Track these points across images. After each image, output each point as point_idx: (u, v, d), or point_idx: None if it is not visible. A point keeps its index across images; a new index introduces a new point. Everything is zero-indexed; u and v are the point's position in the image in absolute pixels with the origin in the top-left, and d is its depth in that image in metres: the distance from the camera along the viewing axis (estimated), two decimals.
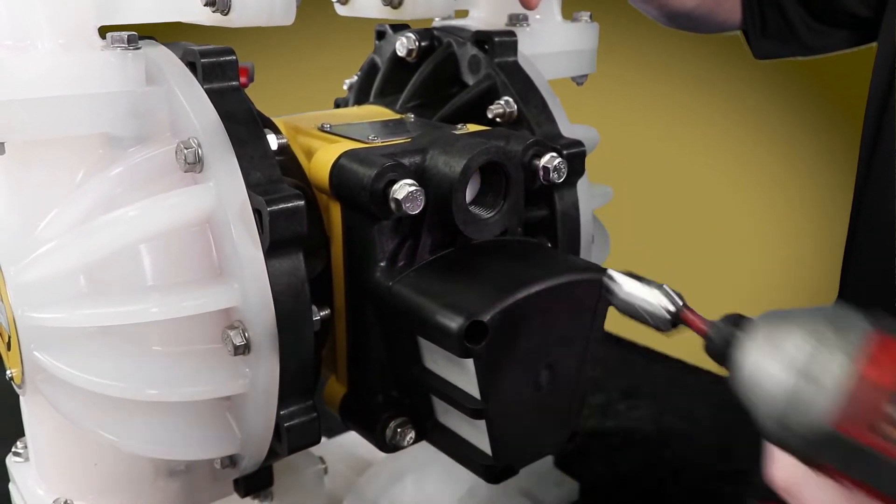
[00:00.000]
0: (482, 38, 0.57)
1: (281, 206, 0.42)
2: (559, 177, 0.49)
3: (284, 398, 0.45)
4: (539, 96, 0.56)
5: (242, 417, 0.46)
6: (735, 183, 1.69)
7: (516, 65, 0.57)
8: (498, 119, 0.55)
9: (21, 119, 0.40)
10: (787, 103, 1.62)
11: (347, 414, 0.52)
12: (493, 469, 0.47)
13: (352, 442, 0.68)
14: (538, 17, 0.62)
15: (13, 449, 0.54)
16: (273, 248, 0.42)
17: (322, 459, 0.62)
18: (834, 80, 1.48)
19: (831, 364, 0.30)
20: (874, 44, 0.80)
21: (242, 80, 1.47)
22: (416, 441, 0.50)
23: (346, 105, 0.66)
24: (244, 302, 0.43)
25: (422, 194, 0.44)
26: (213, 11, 0.48)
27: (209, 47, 0.46)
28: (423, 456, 0.60)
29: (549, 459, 0.81)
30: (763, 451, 0.36)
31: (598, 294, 0.46)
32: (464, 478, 0.62)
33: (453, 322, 0.41)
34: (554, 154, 0.49)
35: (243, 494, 0.53)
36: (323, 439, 0.68)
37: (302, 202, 0.42)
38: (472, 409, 0.44)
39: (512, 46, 0.56)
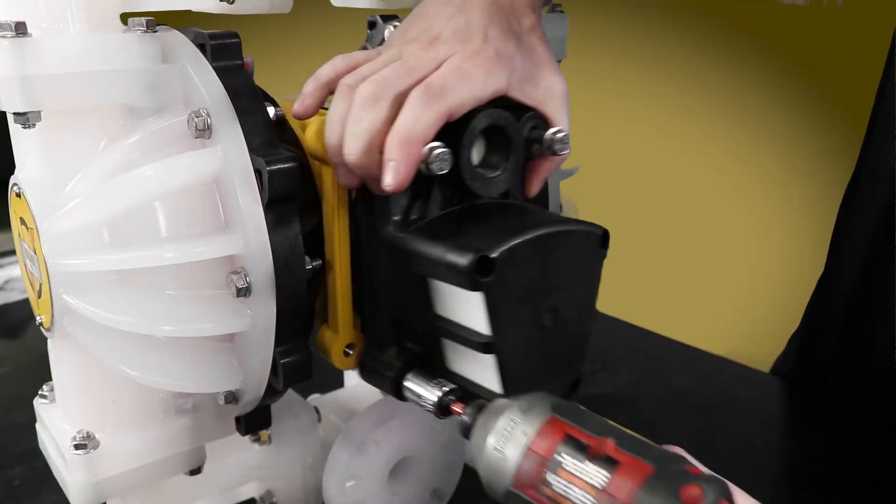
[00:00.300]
0: None
1: (278, 167, 0.48)
2: (562, 148, 0.55)
3: (280, 337, 0.52)
4: None
5: (243, 354, 0.53)
6: (735, 182, 1.70)
7: None
8: None
9: (55, 90, 0.47)
10: (787, 103, 1.63)
11: (365, 369, 0.57)
12: None
13: (344, 396, 0.75)
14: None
15: (39, 392, 0.60)
16: (271, 203, 0.49)
17: (317, 409, 0.69)
18: (834, 80, 1.51)
19: (513, 442, 0.41)
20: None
21: None
22: None
23: None
24: (246, 250, 0.49)
25: (449, 155, 0.49)
26: (220, 1, 0.55)
27: (217, 31, 0.52)
28: (407, 403, 0.67)
29: None
30: None
31: (595, 248, 0.52)
32: (447, 426, 0.68)
33: (464, 258, 0.47)
34: (560, 128, 0.55)
35: (244, 432, 0.59)
36: (316, 395, 0.75)
37: (296, 163, 0.49)
38: (481, 344, 0.49)
39: None
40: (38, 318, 0.55)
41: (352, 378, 0.79)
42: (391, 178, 0.48)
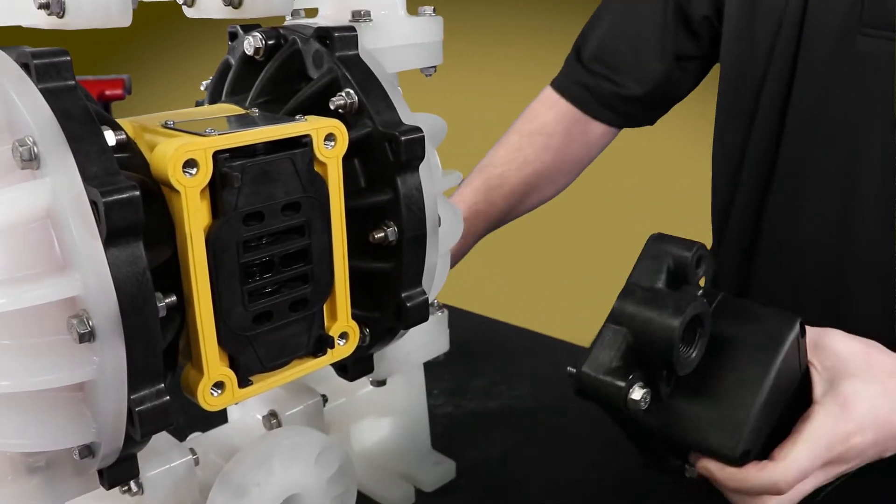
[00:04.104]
0: (323, 34, 0.59)
1: (115, 197, 0.43)
2: None
3: (134, 383, 0.47)
4: (380, 87, 0.59)
5: (95, 405, 0.47)
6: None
7: (357, 58, 0.59)
8: (340, 110, 0.57)
9: None
10: None
11: None
12: None
13: (226, 434, 0.69)
14: (383, 12, 0.65)
15: None
16: (111, 238, 0.44)
17: (193, 451, 0.64)
18: None
19: None
20: None
21: (118, 91, 1.46)
22: None
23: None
24: (85, 290, 0.44)
25: (649, 394, 0.57)
26: (49, 14, 0.49)
27: (43, 49, 0.47)
28: (290, 439, 0.62)
29: (426, 441, 0.84)
30: None
31: (798, 351, 0.61)
32: (332, 459, 0.64)
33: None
34: None
35: (108, 486, 0.54)
36: (196, 433, 0.70)
37: (137, 192, 0.44)
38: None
39: (352, 41, 0.59)
40: None
41: (235, 412, 0.74)
42: None
